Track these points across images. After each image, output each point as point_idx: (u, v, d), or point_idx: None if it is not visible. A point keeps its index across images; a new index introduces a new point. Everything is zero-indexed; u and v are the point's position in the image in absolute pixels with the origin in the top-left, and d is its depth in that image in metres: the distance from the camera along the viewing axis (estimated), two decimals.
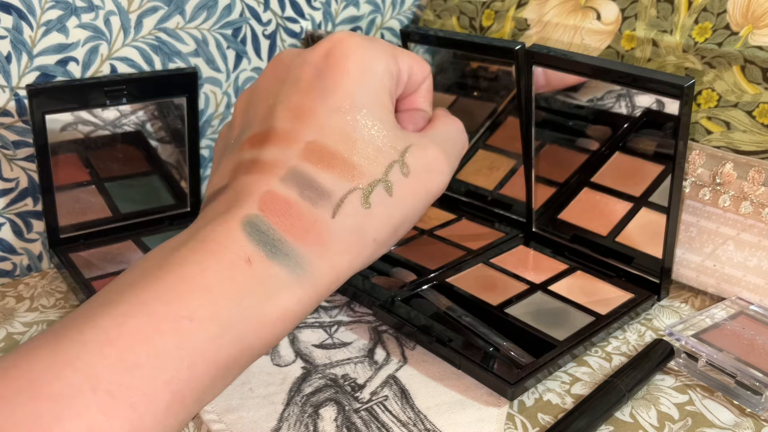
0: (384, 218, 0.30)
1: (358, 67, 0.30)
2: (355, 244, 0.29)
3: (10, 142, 0.53)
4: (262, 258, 0.26)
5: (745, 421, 0.38)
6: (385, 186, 0.29)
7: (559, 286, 0.49)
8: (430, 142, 0.32)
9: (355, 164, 0.29)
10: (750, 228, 0.46)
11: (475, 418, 0.38)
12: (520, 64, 0.50)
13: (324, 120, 0.29)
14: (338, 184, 0.28)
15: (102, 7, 0.54)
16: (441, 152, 0.32)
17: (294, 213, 0.28)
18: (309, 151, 0.29)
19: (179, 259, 0.26)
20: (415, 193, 0.31)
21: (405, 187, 0.30)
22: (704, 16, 0.49)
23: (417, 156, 0.31)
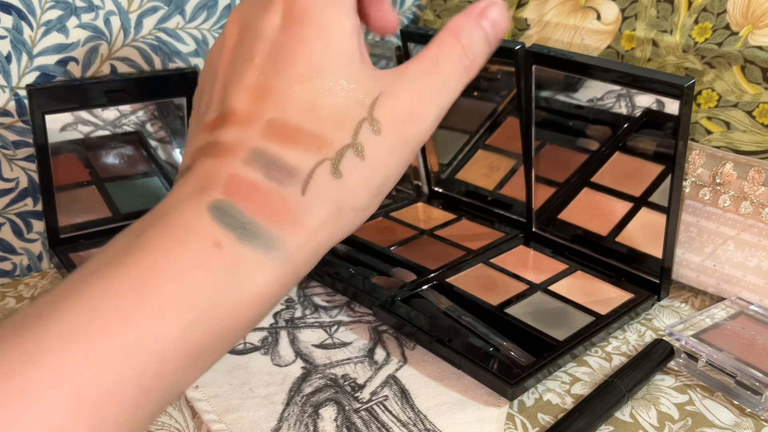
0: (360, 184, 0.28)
1: (316, 30, 0.28)
2: (333, 216, 0.28)
3: (10, 142, 0.53)
4: (232, 241, 0.26)
5: (745, 421, 0.38)
6: (356, 150, 0.27)
7: (559, 286, 0.49)
8: (404, 84, 0.29)
9: (320, 134, 0.27)
10: (750, 228, 0.46)
11: (475, 418, 0.38)
12: (520, 64, 0.50)
13: (283, 95, 0.27)
14: (304, 159, 0.27)
15: (102, 7, 0.54)
16: (416, 95, 0.29)
17: (261, 194, 0.26)
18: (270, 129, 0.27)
19: (146, 244, 0.25)
20: (393, 149, 0.28)
21: (379, 145, 0.28)
22: (704, 16, 0.49)
23: (387, 106, 0.28)
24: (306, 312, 0.48)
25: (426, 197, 0.63)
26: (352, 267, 0.51)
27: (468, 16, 0.30)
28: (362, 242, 0.55)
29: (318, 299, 0.50)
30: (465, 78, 0.30)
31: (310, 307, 0.49)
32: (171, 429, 0.37)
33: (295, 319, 0.47)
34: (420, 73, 0.29)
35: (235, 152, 0.27)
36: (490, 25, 0.30)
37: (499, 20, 0.30)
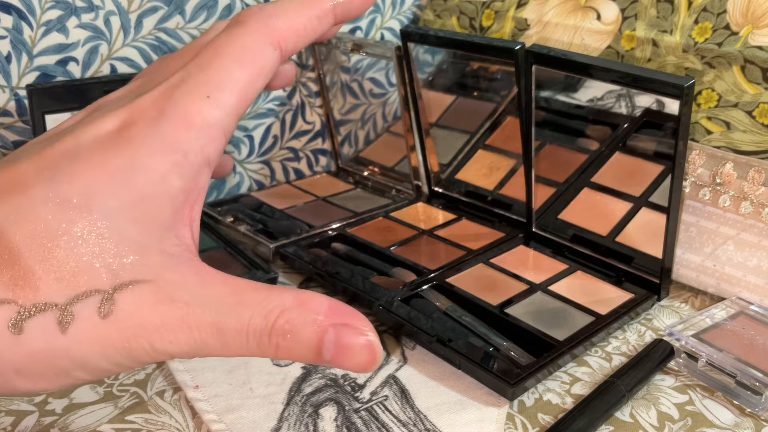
0: (38, 354, 0.22)
1: (129, 164, 0.22)
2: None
3: (10, 142, 0.53)
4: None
5: (745, 421, 0.38)
6: (60, 318, 0.21)
7: (559, 286, 0.49)
8: (189, 295, 0.23)
9: (32, 274, 0.21)
10: (750, 228, 0.46)
11: (475, 418, 0.38)
12: (520, 64, 0.50)
13: (30, 205, 0.22)
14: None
15: (102, 7, 0.54)
16: (181, 322, 0.22)
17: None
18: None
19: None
20: (107, 346, 0.22)
21: (95, 330, 0.22)
22: (704, 16, 0.49)
23: (141, 300, 0.22)
24: None
25: (426, 197, 0.63)
26: (352, 267, 0.51)
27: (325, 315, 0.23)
28: (362, 242, 0.55)
29: None
30: (254, 353, 0.23)
31: None
32: (171, 429, 0.37)
33: None
34: (214, 300, 0.23)
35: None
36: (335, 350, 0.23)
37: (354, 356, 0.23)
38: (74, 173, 0.22)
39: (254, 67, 0.25)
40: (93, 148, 0.23)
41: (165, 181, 0.23)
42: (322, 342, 0.22)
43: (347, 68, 0.68)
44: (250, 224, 0.59)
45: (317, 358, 0.23)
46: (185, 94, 0.24)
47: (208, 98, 0.24)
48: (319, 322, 0.23)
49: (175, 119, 0.24)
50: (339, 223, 0.58)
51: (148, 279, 0.22)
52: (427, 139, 0.62)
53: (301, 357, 0.23)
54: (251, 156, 0.65)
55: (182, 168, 0.23)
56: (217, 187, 0.64)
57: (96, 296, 0.22)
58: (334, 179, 0.69)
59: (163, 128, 0.23)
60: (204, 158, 0.24)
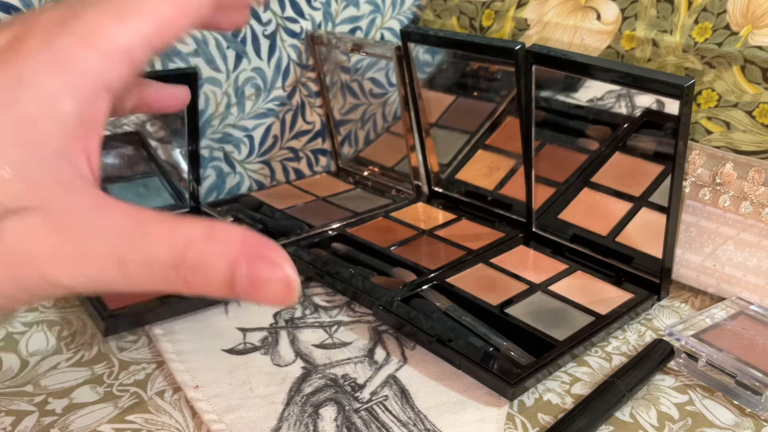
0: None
1: (14, 81, 0.21)
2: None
3: None
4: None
5: (745, 421, 0.38)
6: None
7: (559, 286, 0.49)
8: (77, 221, 0.21)
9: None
10: (750, 228, 0.46)
11: (475, 418, 0.38)
12: (520, 64, 0.50)
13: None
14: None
15: None
16: (78, 241, 0.21)
17: None
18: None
19: None
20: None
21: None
22: (704, 16, 0.49)
23: (30, 228, 0.20)
24: (306, 312, 0.48)
25: (426, 197, 0.63)
26: (352, 267, 0.51)
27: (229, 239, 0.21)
28: (362, 242, 0.55)
29: (318, 299, 0.50)
30: (153, 288, 0.21)
31: (310, 307, 0.49)
32: (171, 429, 0.37)
33: (295, 319, 0.47)
34: (113, 230, 0.21)
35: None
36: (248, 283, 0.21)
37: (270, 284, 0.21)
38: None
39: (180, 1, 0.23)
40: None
41: (54, 102, 0.21)
42: (234, 276, 0.21)
43: (347, 68, 0.68)
44: (250, 224, 0.59)
45: (229, 291, 0.21)
46: (95, 14, 0.22)
47: (120, 19, 0.22)
48: (230, 254, 0.21)
49: (75, 35, 0.21)
50: (339, 223, 0.58)
51: (38, 206, 0.20)
52: (427, 139, 0.62)
53: (212, 291, 0.21)
54: (251, 156, 0.65)
55: (75, 90, 0.21)
56: (217, 187, 0.64)
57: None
58: (334, 179, 0.69)
59: (59, 43, 0.21)
60: (103, 82, 0.22)
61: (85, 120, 0.22)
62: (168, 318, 0.47)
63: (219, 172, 0.64)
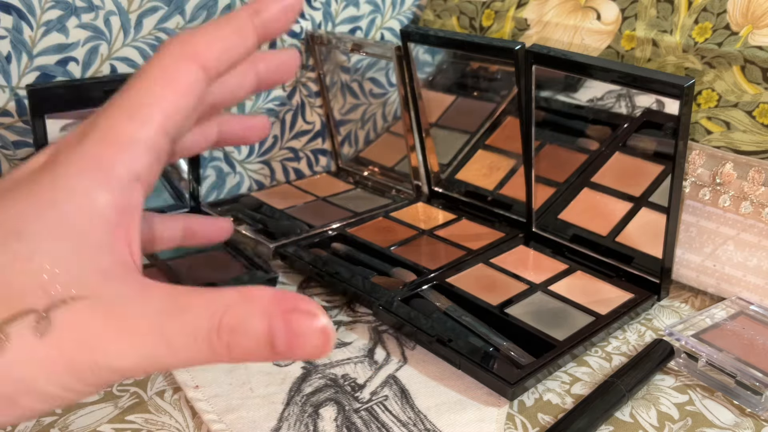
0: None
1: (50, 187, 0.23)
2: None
3: (10, 142, 0.53)
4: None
5: (745, 421, 0.38)
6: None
7: (559, 286, 0.49)
8: (125, 310, 0.22)
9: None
10: (750, 228, 0.46)
11: (475, 418, 0.38)
12: (520, 64, 0.50)
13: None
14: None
15: (102, 7, 0.54)
16: (126, 327, 0.22)
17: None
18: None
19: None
20: (49, 363, 0.22)
21: (33, 349, 0.21)
22: (704, 16, 0.49)
23: (80, 316, 0.22)
24: None
25: (426, 197, 0.63)
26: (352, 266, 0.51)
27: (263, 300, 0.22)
28: (362, 242, 0.55)
29: (318, 299, 0.50)
30: (206, 359, 0.22)
31: None
32: (171, 429, 0.37)
33: None
34: (155, 308, 0.22)
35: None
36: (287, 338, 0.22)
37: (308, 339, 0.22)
38: (6, 205, 0.23)
39: (177, 84, 0.25)
40: (25, 180, 0.24)
41: (89, 197, 0.23)
42: (272, 331, 0.22)
43: (347, 68, 0.68)
44: (250, 224, 0.59)
45: (271, 351, 0.22)
46: (108, 117, 0.24)
47: (129, 118, 0.24)
48: (266, 311, 0.22)
49: (97, 139, 0.24)
50: (339, 223, 0.58)
51: (85, 296, 0.22)
52: (427, 139, 0.62)
53: (255, 353, 0.22)
54: (251, 156, 0.65)
55: (107, 184, 0.23)
56: (217, 187, 0.64)
57: (31, 315, 0.22)
58: (334, 179, 0.69)
59: (85, 148, 0.24)
60: (131, 174, 0.24)
61: (121, 210, 0.24)
62: None
63: (219, 172, 0.64)
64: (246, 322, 0.22)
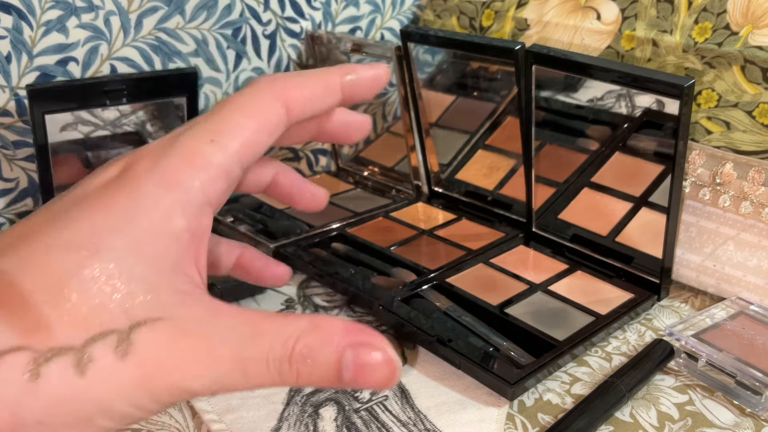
0: (59, 401, 0.21)
1: (128, 198, 0.23)
2: (3, 422, 0.21)
3: (10, 142, 0.53)
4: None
5: (745, 421, 0.38)
6: (77, 361, 0.21)
7: (559, 286, 0.49)
8: (205, 329, 0.23)
9: (44, 318, 0.21)
10: (750, 228, 0.46)
11: (475, 418, 0.38)
12: (520, 64, 0.50)
13: (40, 252, 0.22)
14: (2, 336, 0.21)
15: (102, 7, 0.54)
16: (205, 353, 0.22)
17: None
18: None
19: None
20: (131, 385, 0.22)
21: (115, 371, 0.21)
22: (704, 16, 0.49)
23: (158, 337, 0.22)
24: (306, 312, 0.48)
25: (426, 197, 0.63)
26: (352, 267, 0.51)
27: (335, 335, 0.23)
28: (362, 242, 0.55)
29: (318, 299, 0.50)
30: (277, 382, 0.23)
31: (310, 307, 0.49)
32: (171, 429, 0.37)
33: None
34: (231, 333, 0.23)
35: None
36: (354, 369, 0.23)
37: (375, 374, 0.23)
38: (81, 217, 0.23)
39: (259, 117, 0.26)
40: (98, 192, 0.24)
41: (168, 220, 0.23)
42: (341, 363, 0.23)
43: None
44: (250, 224, 0.59)
45: (338, 380, 0.23)
46: (189, 137, 0.25)
47: (211, 141, 0.25)
48: (335, 342, 0.23)
49: (176, 157, 0.24)
50: (339, 223, 0.58)
51: (163, 317, 0.22)
52: (427, 139, 0.62)
53: (322, 380, 0.23)
54: None
55: (184, 205, 0.24)
56: None
57: (112, 336, 0.22)
58: (334, 179, 0.69)
59: (164, 165, 0.24)
60: (205, 198, 0.24)
61: (193, 233, 0.24)
62: None
63: None
64: (317, 352, 0.22)
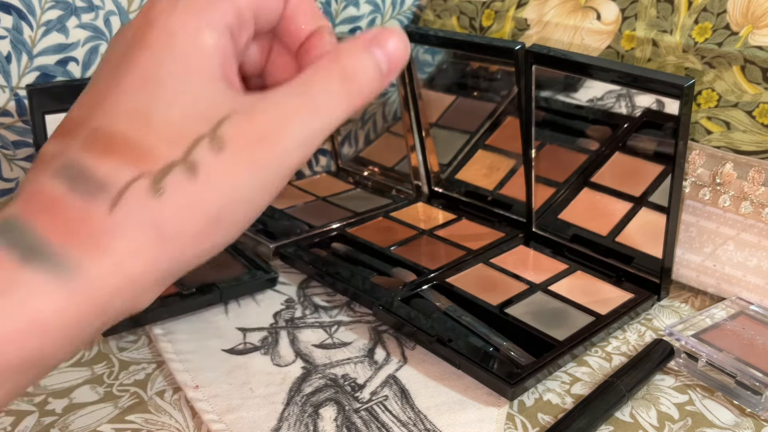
0: (188, 206, 0.24)
1: (163, 32, 0.26)
2: (150, 241, 0.24)
3: (10, 142, 0.53)
4: (12, 262, 0.23)
5: (745, 421, 0.38)
6: (186, 167, 0.24)
7: (559, 286, 0.49)
8: (263, 104, 0.26)
9: (146, 147, 0.24)
10: (750, 228, 0.46)
11: (475, 418, 0.38)
12: (520, 64, 0.50)
13: (116, 102, 0.25)
14: (118, 173, 0.24)
15: (102, 7, 0.54)
16: (275, 116, 0.26)
17: (59, 210, 0.24)
18: (91, 138, 0.25)
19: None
20: (239, 172, 0.25)
21: (219, 164, 0.25)
22: (704, 16, 0.49)
23: (237, 125, 0.25)
24: (306, 312, 0.48)
25: (426, 197, 0.63)
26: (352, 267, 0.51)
27: (356, 41, 0.27)
28: (362, 242, 0.55)
29: (318, 299, 0.50)
30: (345, 106, 0.27)
31: (310, 307, 0.49)
32: (171, 429, 0.37)
33: (295, 319, 0.47)
34: (286, 94, 0.26)
35: (48, 164, 0.25)
36: (384, 54, 0.27)
37: (396, 51, 0.27)
38: (135, 59, 0.26)
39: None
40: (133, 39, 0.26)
41: (200, 36, 0.26)
42: (377, 60, 0.27)
43: None
44: None
45: (383, 77, 0.27)
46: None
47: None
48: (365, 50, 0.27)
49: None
50: (339, 223, 0.58)
51: (230, 112, 0.25)
52: (427, 139, 0.62)
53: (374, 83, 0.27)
54: None
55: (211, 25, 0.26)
56: None
57: (204, 140, 0.25)
58: (334, 179, 0.69)
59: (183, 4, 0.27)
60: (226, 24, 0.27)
61: (223, 48, 0.27)
62: (168, 318, 0.47)
63: None
64: (357, 61, 0.27)
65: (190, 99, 0.25)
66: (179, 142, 0.24)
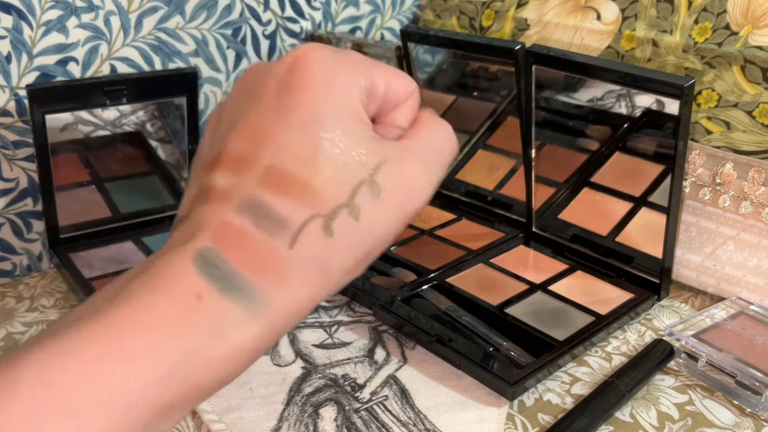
0: (350, 246, 0.27)
1: (322, 79, 0.28)
2: (318, 276, 0.27)
3: (10, 142, 0.53)
4: (213, 293, 0.25)
5: (745, 421, 0.38)
6: (351, 211, 0.27)
7: (559, 286, 0.49)
8: (409, 154, 0.29)
9: (317, 188, 0.26)
10: (750, 228, 0.46)
11: (475, 418, 0.38)
12: (520, 64, 0.50)
13: (283, 141, 0.27)
14: (296, 212, 0.26)
15: (102, 7, 0.54)
16: (420, 167, 0.29)
17: (249, 245, 0.26)
18: (266, 176, 0.26)
19: (129, 293, 0.25)
20: (388, 216, 0.28)
21: (376, 210, 0.27)
22: (704, 16, 0.49)
23: (390, 173, 0.28)
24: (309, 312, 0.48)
25: None
26: None
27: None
28: None
29: None
30: (451, 160, 0.31)
31: None
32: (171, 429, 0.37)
33: None
34: (427, 148, 0.30)
35: (228, 199, 0.26)
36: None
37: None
38: (296, 100, 0.27)
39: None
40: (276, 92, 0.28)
41: (350, 89, 0.28)
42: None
43: None
44: None
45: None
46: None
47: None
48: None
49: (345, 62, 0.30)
50: None
51: (384, 158, 0.28)
52: None
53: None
54: None
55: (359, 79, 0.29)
56: None
57: (364, 186, 0.27)
58: None
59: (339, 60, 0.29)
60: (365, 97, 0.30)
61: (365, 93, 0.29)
62: None
63: None
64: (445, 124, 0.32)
65: (350, 144, 0.27)
66: (344, 186, 0.27)
